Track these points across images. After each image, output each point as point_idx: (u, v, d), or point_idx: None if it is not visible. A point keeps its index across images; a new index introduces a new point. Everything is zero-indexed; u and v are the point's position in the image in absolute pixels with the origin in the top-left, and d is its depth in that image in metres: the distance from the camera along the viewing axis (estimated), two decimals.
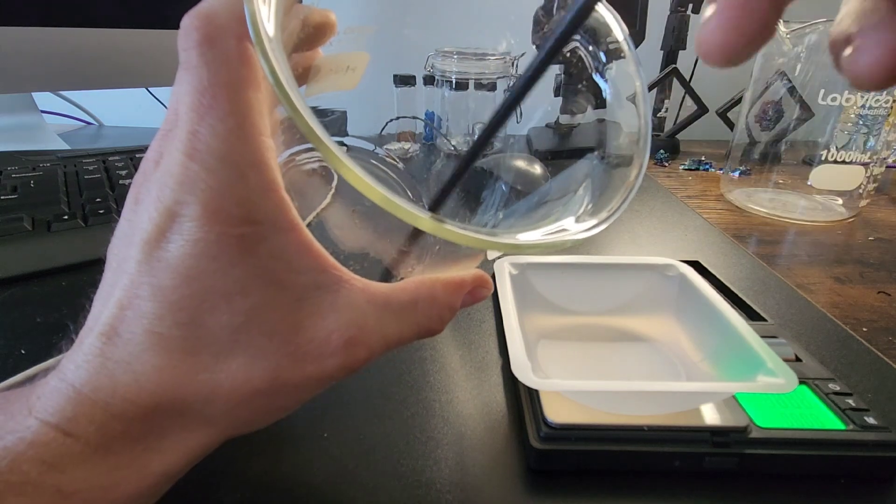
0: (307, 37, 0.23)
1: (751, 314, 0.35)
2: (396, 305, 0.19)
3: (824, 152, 0.58)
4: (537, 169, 0.54)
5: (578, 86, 0.25)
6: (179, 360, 0.17)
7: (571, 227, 0.20)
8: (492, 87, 0.68)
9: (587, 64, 0.25)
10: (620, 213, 0.20)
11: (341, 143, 0.32)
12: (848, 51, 0.13)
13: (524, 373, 0.24)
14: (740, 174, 0.66)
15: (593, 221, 0.19)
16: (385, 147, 0.36)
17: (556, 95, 0.82)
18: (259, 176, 0.17)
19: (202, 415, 0.17)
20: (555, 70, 0.77)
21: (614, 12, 0.24)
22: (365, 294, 0.19)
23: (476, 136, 0.20)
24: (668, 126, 0.87)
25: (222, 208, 0.16)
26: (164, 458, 0.17)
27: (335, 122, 0.31)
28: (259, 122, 0.17)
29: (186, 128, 0.16)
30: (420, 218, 0.16)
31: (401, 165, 0.32)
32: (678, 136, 0.85)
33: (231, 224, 0.16)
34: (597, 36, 0.24)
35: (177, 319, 0.16)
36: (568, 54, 0.25)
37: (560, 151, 0.29)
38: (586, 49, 0.25)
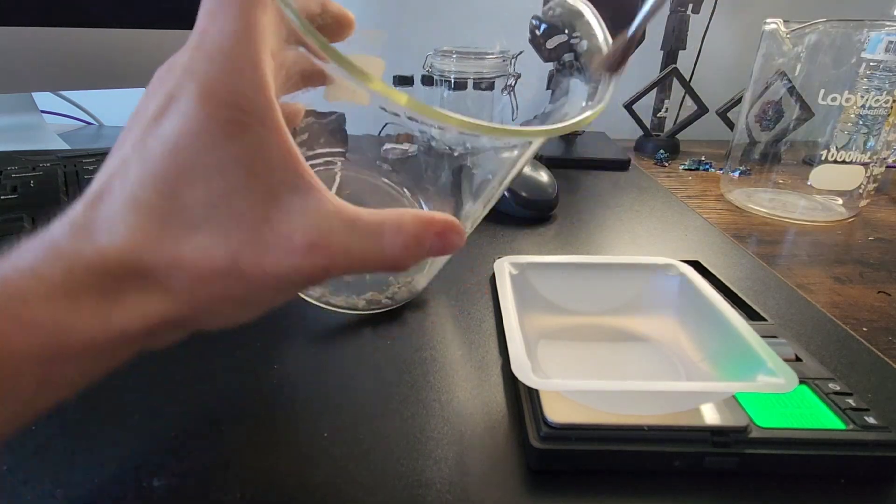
0: (326, 26, 0.24)
1: (751, 314, 0.35)
2: (363, 225, 0.20)
3: (824, 152, 0.58)
4: (543, 176, 0.54)
5: (561, 67, 0.27)
6: (152, 225, 0.18)
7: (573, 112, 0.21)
8: (489, 86, 0.68)
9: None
10: (612, 92, 0.21)
11: (343, 154, 0.33)
12: None
13: (524, 373, 0.24)
14: (740, 174, 0.66)
15: (591, 104, 0.21)
16: (384, 147, 0.36)
17: (547, 88, 0.82)
18: (254, 74, 0.18)
19: (163, 283, 0.18)
20: (548, 67, 0.77)
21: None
22: (334, 206, 0.20)
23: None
24: (668, 126, 0.87)
25: (216, 92, 0.18)
26: (124, 315, 0.18)
27: (335, 122, 0.31)
28: (263, 36, 0.19)
29: (199, 28, 0.19)
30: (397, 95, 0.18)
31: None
32: (678, 136, 0.85)
33: (221, 107, 0.18)
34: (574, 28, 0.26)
35: (157, 188, 0.18)
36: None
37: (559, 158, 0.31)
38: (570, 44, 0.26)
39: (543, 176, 0.56)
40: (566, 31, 0.28)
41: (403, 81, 0.68)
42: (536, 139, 0.24)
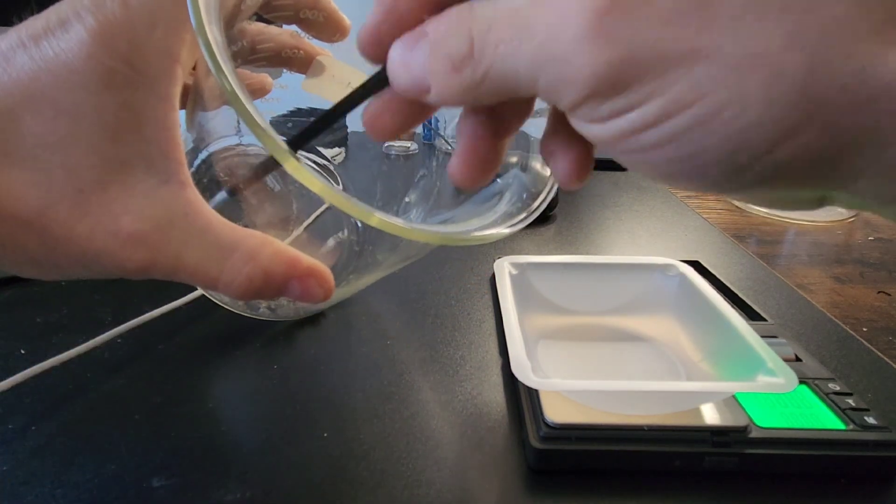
0: (316, 22, 0.23)
1: (751, 314, 0.35)
2: (213, 238, 0.18)
3: None
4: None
5: None
6: None
7: (464, 228, 0.19)
8: None
9: None
10: (519, 227, 0.20)
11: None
12: (551, 159, 0.17)
13: (524, 373, 0.24)
14: None
15: (490, 231, 0.19)
16: (385, 144, 0.37)
17: None
18: (167, 38, 0.17)
19: None
20: None
21: None
22: (189, 206, 0.17)
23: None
24: None
25: (113, 37, 0.16)
26: None
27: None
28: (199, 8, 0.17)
29: None
30: (277, 146, 0.16)
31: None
32: None
33: (111, 54, 0.16)
34: None
35: (4, 104, 0.16)
36: None
37: None
38: None
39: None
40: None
41: None
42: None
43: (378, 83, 0.16)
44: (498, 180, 0.23)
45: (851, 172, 0.12)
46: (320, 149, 0.35)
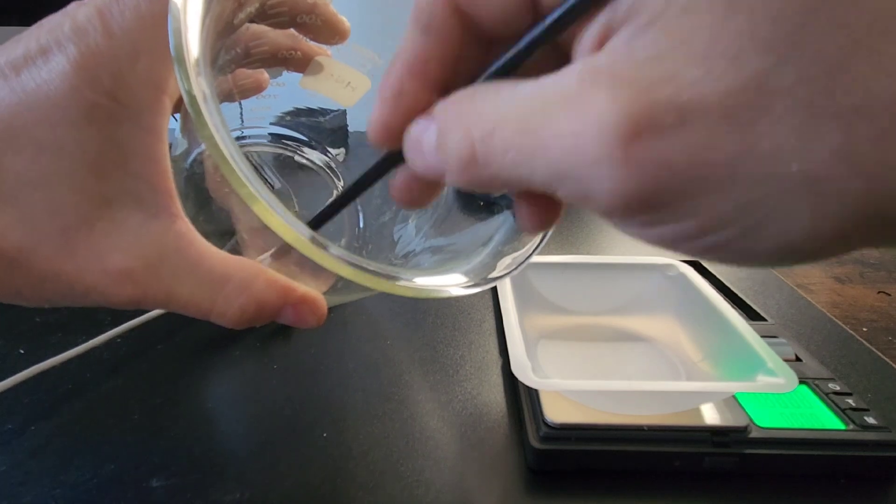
0: (314, 26, 0.23)
1: (751, 314, 0.35)
2: (205, 271, 0.17)
3: None
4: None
5: None
6: None
7: (449, 280, 0.19)
8: None
9: None
10: (506, 278, 0.19)
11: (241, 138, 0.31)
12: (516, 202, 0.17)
13: (524, 373, 0.24)
14: None
15: (472, 281, 0.19)
16: None
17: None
18: (152, 68, 0.16)
19: None
20: None
21: None
22: (180, 239, 0.17)
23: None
24: None
25: (95, 68, 0.16)
26: None
27: (335, 119, 0.31)
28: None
29: None
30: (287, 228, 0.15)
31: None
32: None
33: (92, 88, 0.16)
34: None
35: None
36: None
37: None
38: None
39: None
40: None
41: None
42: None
43: (396, 160, 0.16)
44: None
45: None
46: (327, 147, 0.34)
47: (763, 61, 0.10)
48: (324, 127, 0.32)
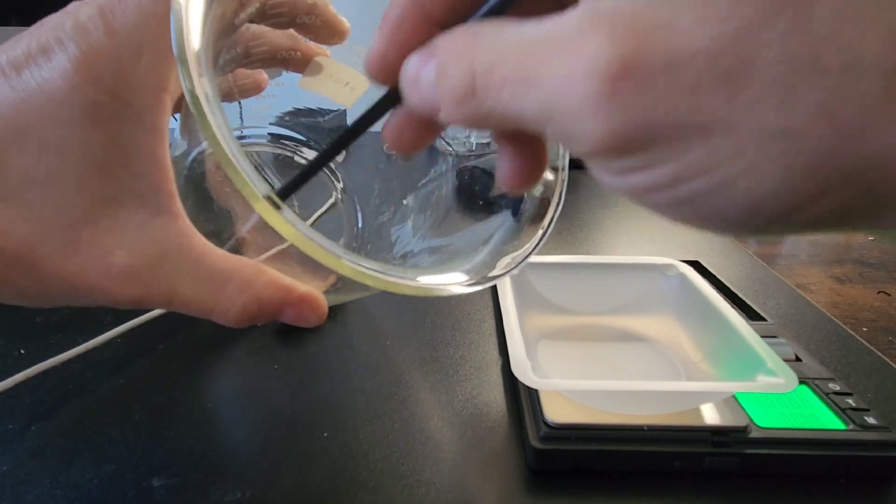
0: (314, 26, 0.23)
1: (751, 314, 0.35)
2: (206, 270, 0.17)
3: None
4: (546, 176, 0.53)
5: None
6: None
7: (445, 279, 0.19)
8: None
9: None
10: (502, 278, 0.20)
11: (241, 137, 0.31)
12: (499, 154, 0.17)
13: (524, 373, 0.24)
14: None
15: (473, 279, 0.19)
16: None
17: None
18: (154, 68, 0.16)
19: None
20: None
21: None
22: (182, 238, 0.17)
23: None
24: None
25: (98, 68, 0.16)
26: None
27: (335, 119, 0.31)
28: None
29: None
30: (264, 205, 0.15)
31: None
32: None
33: (94, 87, 0.16)
34: None
35: None
36: None
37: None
38: None
39: (546, 175, 0.56)
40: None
41: None
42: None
43: (393, 100, 0.16)
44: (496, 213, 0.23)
45: (883, 220, 0.12)
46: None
47: (755, 11, 0.10)
48: (323, 127, 0.32)
